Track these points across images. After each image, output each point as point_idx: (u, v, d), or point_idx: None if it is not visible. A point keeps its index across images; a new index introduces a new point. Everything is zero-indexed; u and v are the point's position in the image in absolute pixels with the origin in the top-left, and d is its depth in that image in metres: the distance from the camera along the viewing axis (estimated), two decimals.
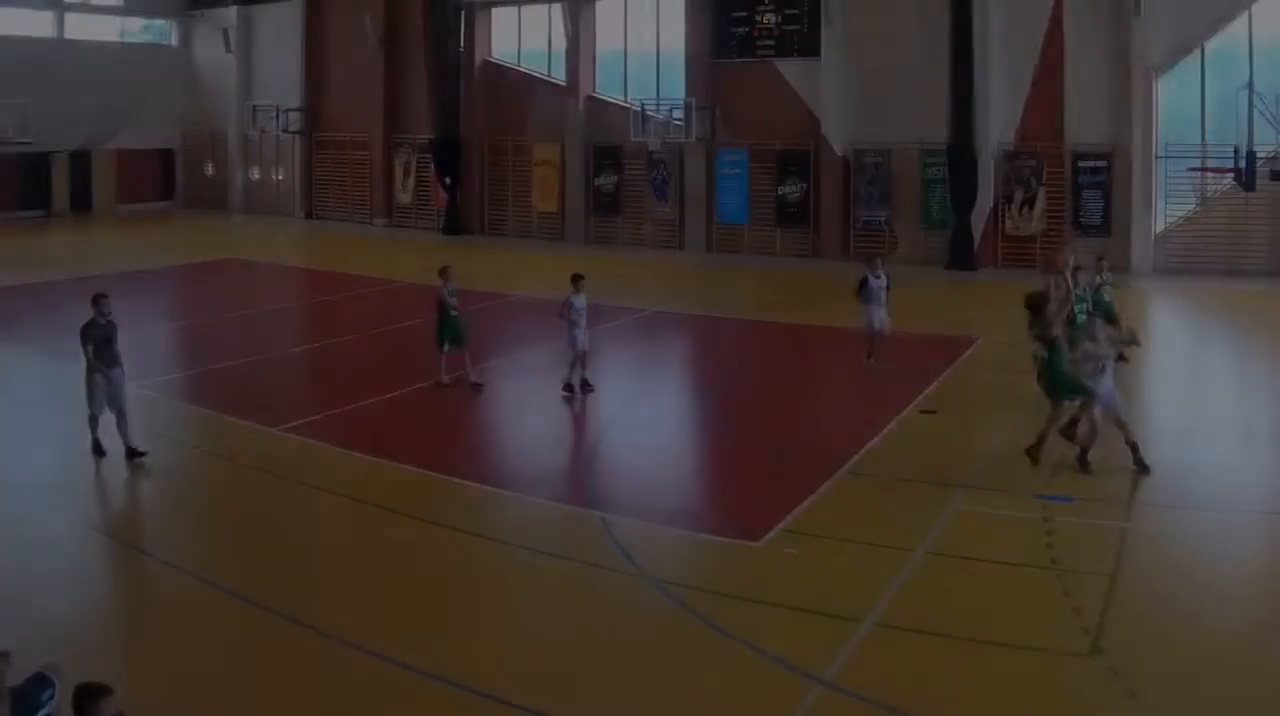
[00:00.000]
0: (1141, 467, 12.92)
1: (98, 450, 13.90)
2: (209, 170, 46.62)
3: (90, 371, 13.76)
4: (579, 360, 16.97)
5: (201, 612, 9.79)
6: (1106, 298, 18.27)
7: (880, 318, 18.62)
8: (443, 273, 17.76)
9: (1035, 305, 13.71)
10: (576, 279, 17.12)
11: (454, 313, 17.33)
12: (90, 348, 13.74)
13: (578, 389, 16.99)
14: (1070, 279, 14.97)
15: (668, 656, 9.02)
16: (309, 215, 44.18)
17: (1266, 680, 8.36)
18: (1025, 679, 8.51)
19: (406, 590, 10.37)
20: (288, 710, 8.17)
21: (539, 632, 9.55)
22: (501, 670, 8.71)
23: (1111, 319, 16.38)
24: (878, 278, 18.66)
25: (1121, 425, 13.08)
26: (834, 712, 8.13)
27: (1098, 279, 18.13)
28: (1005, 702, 8.22)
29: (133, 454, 13.74)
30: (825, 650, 8.83)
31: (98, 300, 14.07)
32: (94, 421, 13.92)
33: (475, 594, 10.25)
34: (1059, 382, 13.26)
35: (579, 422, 16.52)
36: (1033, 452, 13.31)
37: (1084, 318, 14.59)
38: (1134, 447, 13.02)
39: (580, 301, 16.92)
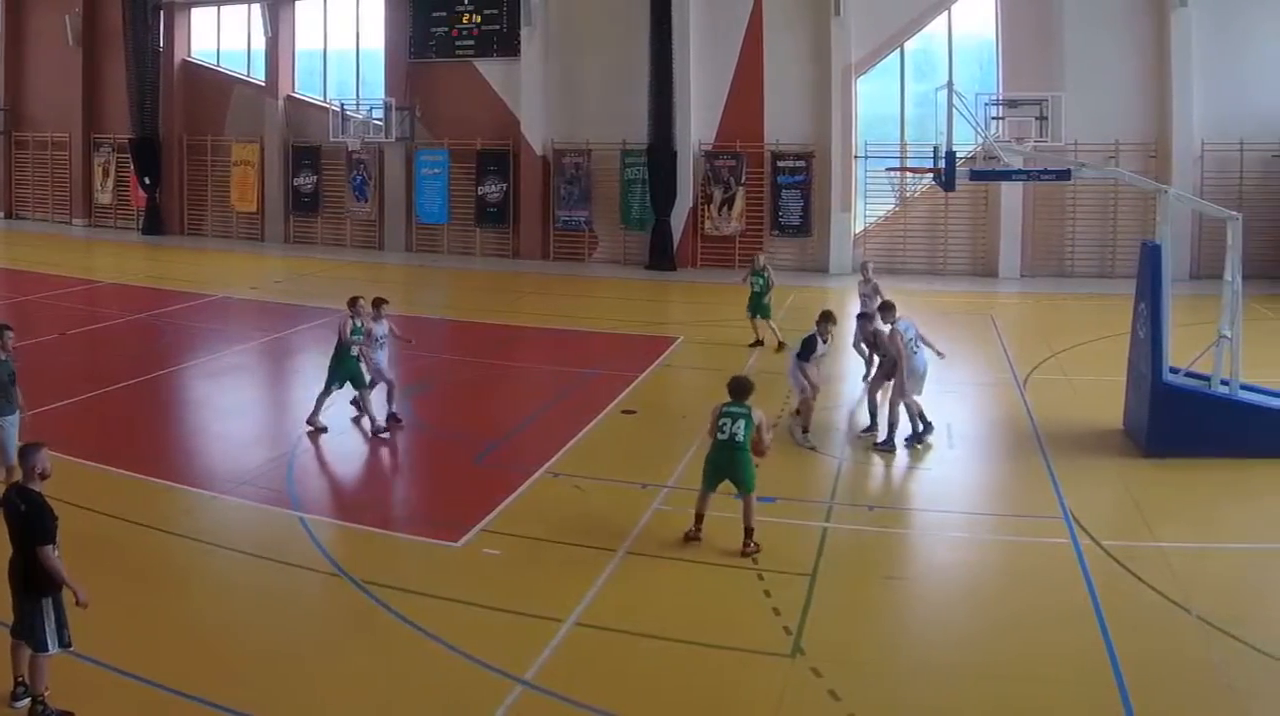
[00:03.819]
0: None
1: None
2: None
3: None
4: (390, 391, 14.98)
5: None
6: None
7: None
8: (352, 303, 14.72)
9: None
10: (379, 303, 14.90)
11: (354, 352, 14.43)
12: None
13: (389, 423, 14.65)
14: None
15: (368, 656, 8.63)
16: (8, 215, 41.48)
17: (965, 680, 8.25)
18: (726, 678, 8.30)
19: (104, 589, 9.18)
20: None
21: (239, 632, 9.09)
22: (201, 670, 8.25)
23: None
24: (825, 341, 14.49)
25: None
26: (534, 712, 7.86)
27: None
28: (706, 702, 7.99)
29: None
30: (526, 650, 8.55)
31: (0, 333, 11.48)
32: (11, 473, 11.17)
33: (173, 593, 9.79)
34: None
35: (279, 424, 15.62)
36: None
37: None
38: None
39: (382, 328, 14.80)
